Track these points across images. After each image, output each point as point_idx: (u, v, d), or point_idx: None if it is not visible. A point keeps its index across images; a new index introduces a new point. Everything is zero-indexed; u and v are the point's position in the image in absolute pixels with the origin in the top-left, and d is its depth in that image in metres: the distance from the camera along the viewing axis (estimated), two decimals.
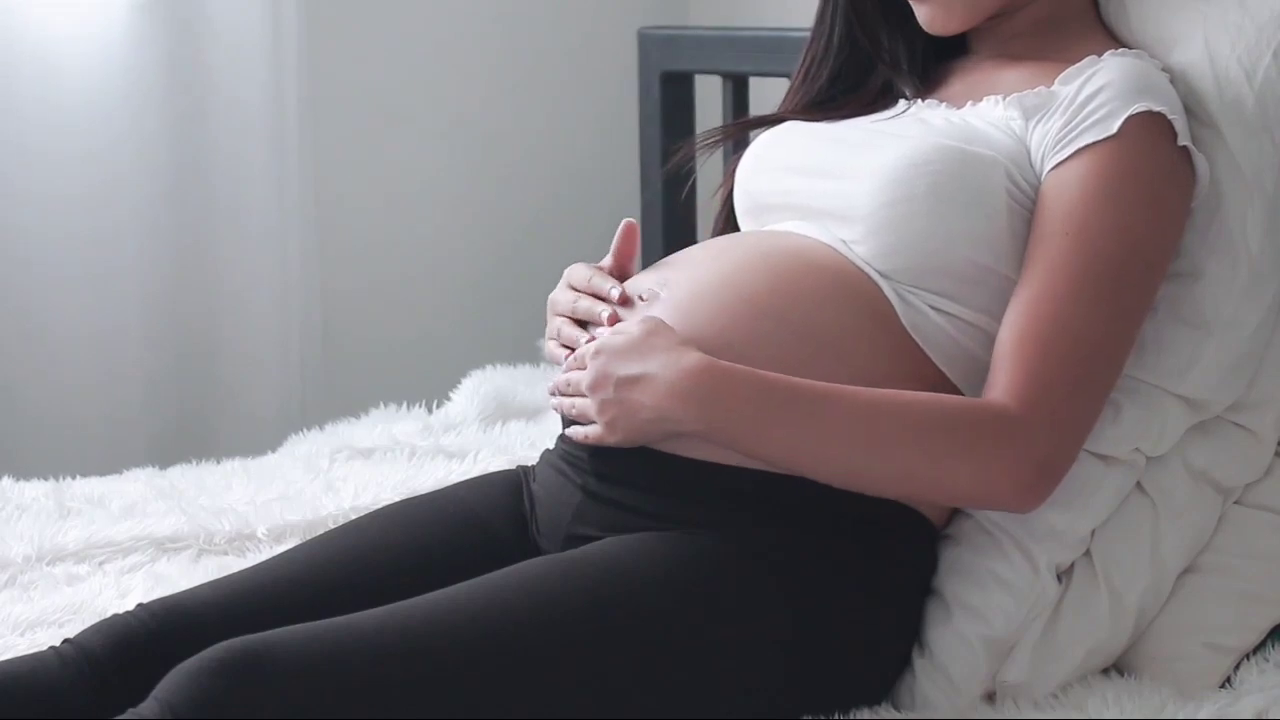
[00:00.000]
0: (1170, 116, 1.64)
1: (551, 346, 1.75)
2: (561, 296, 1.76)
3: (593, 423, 1.63)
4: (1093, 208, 1.61)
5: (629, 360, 1.60)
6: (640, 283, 1.72)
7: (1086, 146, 1.63)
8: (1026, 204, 1.66)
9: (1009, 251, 1.65)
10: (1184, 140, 1.65)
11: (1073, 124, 1.64)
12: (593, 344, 1.63)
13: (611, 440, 1.62)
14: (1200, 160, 1.67)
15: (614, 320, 1.68)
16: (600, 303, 1.72)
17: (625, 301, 1.70)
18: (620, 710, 1.51)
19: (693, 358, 1.59)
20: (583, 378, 1.63)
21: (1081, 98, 1.65)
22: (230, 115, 2.90)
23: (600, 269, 1.76)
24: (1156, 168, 1.64)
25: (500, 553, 1.67)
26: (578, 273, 1.77)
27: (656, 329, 1.61)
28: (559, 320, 1.75)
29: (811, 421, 1.57)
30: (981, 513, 1.67)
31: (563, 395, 1.67)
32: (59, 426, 2.86)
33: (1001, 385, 1.58)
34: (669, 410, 1.58)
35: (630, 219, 1.80)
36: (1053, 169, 1.64)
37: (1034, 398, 1.57)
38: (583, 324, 1.73)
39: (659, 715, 1.53)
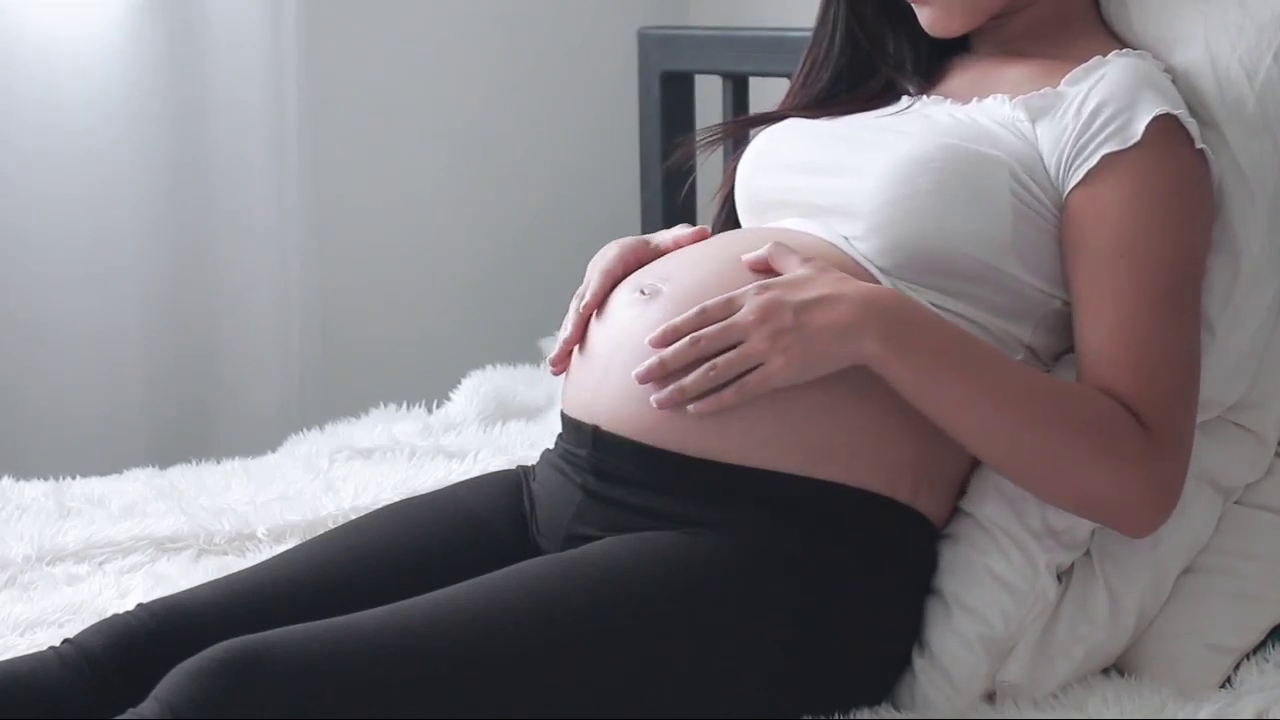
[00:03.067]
0: (1185, 120, 1.65)
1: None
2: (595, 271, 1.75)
3: (747, 372, 1.56)
4: (1141, 225, 1.62)
5: (807, 288, 1.58)
6: (642, 278, 1.72)
7: (1111, 156, 1.63)
8: (1034, 205, 1.66)
9: (1011, 251, 1.65)
10: (1200, 144, 1.65)
11: (1090, 132, 1.64)
12: (753, 285, 1.58)
13: (786, 375, 1.56)
14: (1214, 161, 1.67)
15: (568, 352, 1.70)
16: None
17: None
18: (620, 710, 1.51)
19: (879, 285, 1.58)
20: (740, 318, 1.56)
21: (1093, 103, 1.65)
22: (230, 115, 2.90)
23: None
24: (1186, 174, 1.64)
25: (500, 553, 1.67)
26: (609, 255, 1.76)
27: (826, 265, 1.60)
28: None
29: (984, 373, 1.57)
30: (981, 512, 1.67)
31: (674, 370, 1.58)
32: (59, 426, 2.86)
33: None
34: (860, 322, 1.55)
35: (705, 228, 1.77)
36: (1081, 183, 1.64)
37: (1158, 422, 1.58)
38: None
39: (659, 715, 1.53)
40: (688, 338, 1.59)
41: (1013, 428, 1.57)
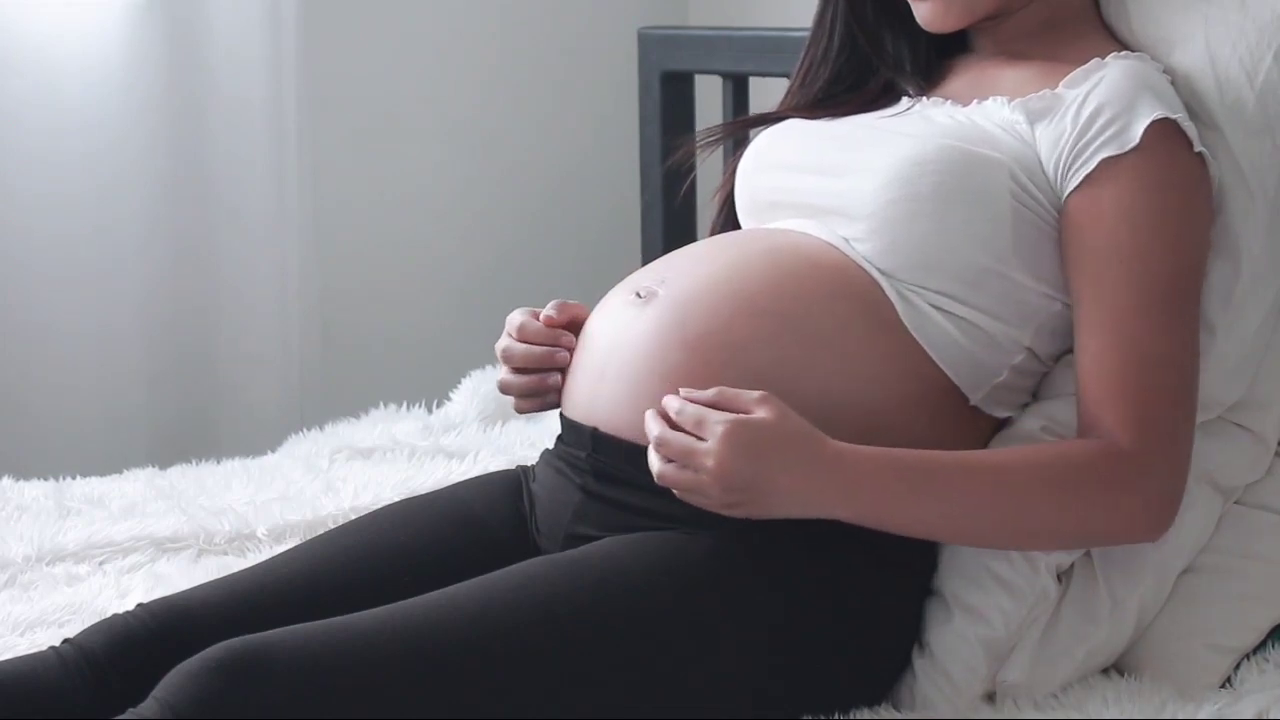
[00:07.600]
0: (1183, 123, 1.64)
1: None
2: (515, 348, 1.77)
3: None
4: (1139, 230, 1.62)
5: (759, 456, 1.52)
6: (639, 280, 1.72)
7: (1109, 160, 1.63)
8: (1033, 207, 1.66)
9: (1011, 253, 1.65)
10: (1199, 146, 1.65)
11: (1088, 135, 1.64)
12: (719, 418, 1.52)
13: (728, 514, 1.55)
14: (1213, 164, 1.67)
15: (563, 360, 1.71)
16: (557, 350, 1.73)
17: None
18: (619, 709, 1.51)
19: (828, 451, 1.54)
20: (700, 451, 1.52)
21: (1091, 106, 1.65)
22: (230, 115, 2.90)
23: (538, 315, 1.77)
24: (1184, 177, 1.64)
25: (500, 553, 1.67)
26: (517, 320, 1.79)
27: (784, 415, 1.53)
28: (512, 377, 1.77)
29: (951, 494, 1.57)
30: None
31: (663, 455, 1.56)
32: (59, 426, 2.86)
33: (1110, 426, 1.59)
34: (811, 501, 1.54)
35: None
36: (1079, 187, 1.64)
37: (1146, 435, 1.59)
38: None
39: (658, 714, 1.54)
40: (656, 441, 1.54)
41: (995, 520, 1.59)
